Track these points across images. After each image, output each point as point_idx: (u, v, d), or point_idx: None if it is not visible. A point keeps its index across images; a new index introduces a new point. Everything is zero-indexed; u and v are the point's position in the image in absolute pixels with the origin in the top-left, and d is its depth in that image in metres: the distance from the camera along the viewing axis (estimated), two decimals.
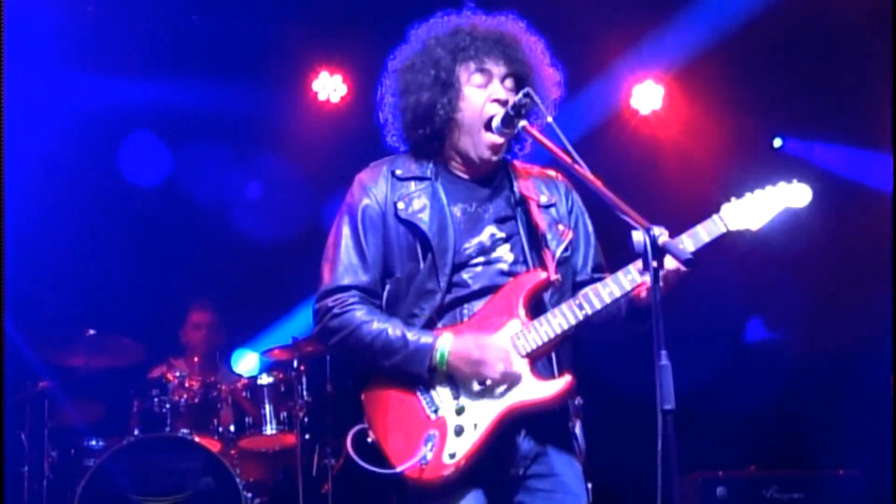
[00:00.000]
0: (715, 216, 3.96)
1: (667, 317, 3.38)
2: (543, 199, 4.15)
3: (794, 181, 4.06)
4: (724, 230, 3.94)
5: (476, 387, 3.82)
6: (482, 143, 4.03)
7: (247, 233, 9.47)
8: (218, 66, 9.03)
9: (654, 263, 3.42)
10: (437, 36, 4.10)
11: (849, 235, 8.19)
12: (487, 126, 4.01)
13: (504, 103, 4.00)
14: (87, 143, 8.89)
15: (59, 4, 8.17)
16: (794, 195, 4.05)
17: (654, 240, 3.42)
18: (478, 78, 4.03)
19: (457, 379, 3.85)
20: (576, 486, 3.93)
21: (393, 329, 3.86)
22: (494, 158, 4.06)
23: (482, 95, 4.02)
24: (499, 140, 4.02)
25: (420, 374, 3.83)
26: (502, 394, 3.81)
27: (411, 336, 3.84)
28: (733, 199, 4.00)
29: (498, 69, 4.03)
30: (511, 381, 3.80)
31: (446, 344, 3.82)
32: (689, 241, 3.86)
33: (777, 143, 9.88)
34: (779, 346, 9.71)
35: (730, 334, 9.80)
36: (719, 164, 9.43)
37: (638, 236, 3.45)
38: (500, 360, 3.79)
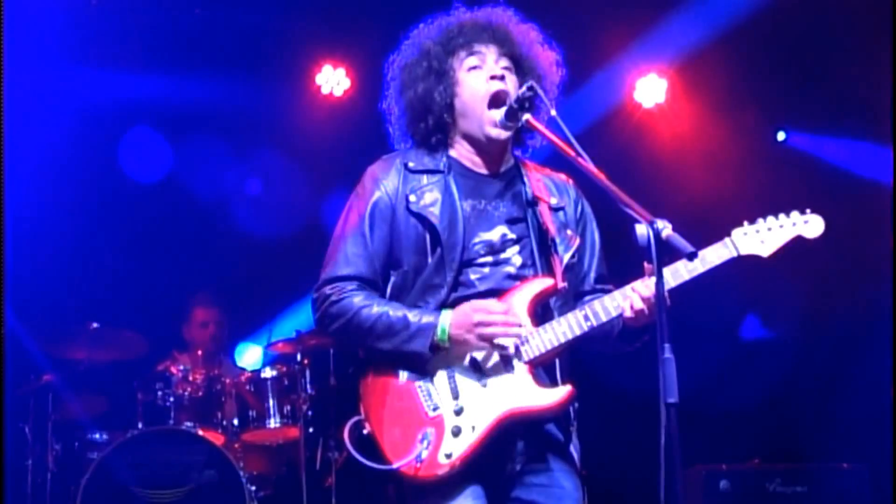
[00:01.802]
0: (726, 239, 3.95)
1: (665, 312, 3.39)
2: (554, 202, 4.15)
3: (808, 212, 4.02)
4: (734, 254, 3.93)
5: (475, 379, 3.81)
6: (487, 120, 4.02)
7: (250, 226, 9.48)
8: (220, 60, 9.03)
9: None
10: (429, 34, 4.15)
11: (849, 227, 8.18)
12: (491, 103, 4.01)
13: (501, 78, 4.03)
14: (90, 136, 8.90)
15: None
16: (807, 226, 4.01)
17: (657, 233, 3.41)
18: (472, 61, 4.06)
19: (453, 362, 3.84)
20: (571, 481, 3.94)
21: (394, 311, 3.86)
22: (503, 136, 4.04)
23: (479, 76, 4.04)
24: (496, 118, 4.00)
25: (421, 352, 3.82)
26: (503, 397, 3.80)
27: (413, 316, 3.84)
28: (745, 223, 3.98)
29: (489, 50, 4.07)
30: (517, 330, 3.80)
31: (446, 319, 3.82)
32: (698, 263, 3.84)
33: (780, 136, 9.88)
34: (782, 340, 9.70)
35: (731, 329, 9.80)
36: (723, 157, 9.42)
37: (641, 229, 3.44)
38: (500, 314, 3.80)
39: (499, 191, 4.10)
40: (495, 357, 3.85)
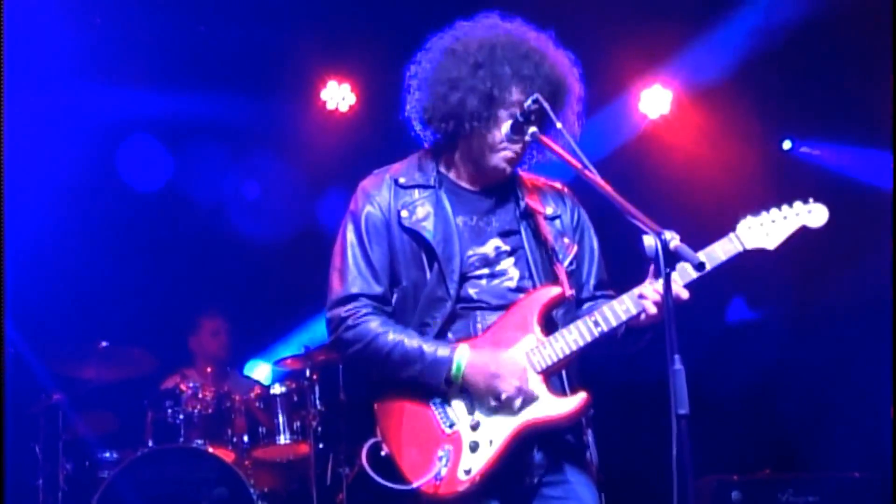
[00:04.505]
0: (731, 234, 3.95)
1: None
2: (549, 211, 4.14)
3: (811, 200, 4.03)
4: (740, 249, 3.93)
5: (492, 402, 3.81)
6: (497, 157, 4.00)
7: (258, 243, 9.49)
8: (226, 76, 9.05)
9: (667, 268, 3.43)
10: (507, 47, 3.98)
11: (861, 236, 8.18)
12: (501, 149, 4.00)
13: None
14: (95, 153, 8.92)
15: (67, 15, 8.19)
16: (810, 215, 4.02)
17: (665, 244, 3.41)
18: (517, 109, 3.94)
19: (472, 393, 3.84)
20: (588, 493, 3.93)
21: (409, 340, 3.85)
22: (508, 170, 4.04)
23: (507, 126, 3.96)
24: (510, 154, 3.99)
25: (436, 386, 3.82)
26: (518, 410, 3.80)
27: (428, 348, 3.82)
28: (749, 216, 3.98)
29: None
30: (525, 397, 3.79)
31: (463, 356, 3.80)
32: (705, 261, 3.78)
33: (786, 145, 9.87)
34: (792, 349, 9.67)
35: (735, 335, 9.80)
36: (729, 167, 9.42)
37: (649, 241, 3.45)
38: (516, 375, 3.78)
39: (490, 206, 4.08)
40: None
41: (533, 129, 3.91)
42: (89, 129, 8.75)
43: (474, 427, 3.80)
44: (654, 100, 9.71)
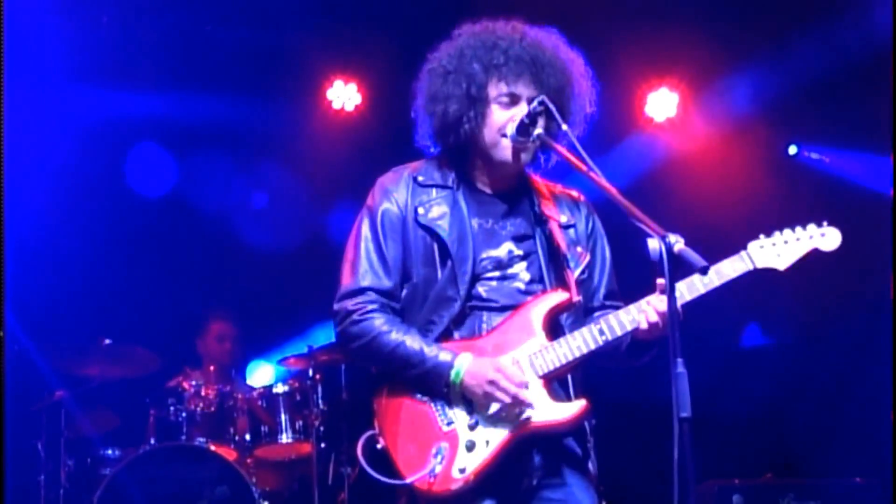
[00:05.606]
0: (743, 253, 3.95)
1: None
2: (564, 219, 4.14)
3: (825, 224, 4.02)
4: (750, 268, 3.93)
5: (492, 407, 3.81)
6: (502, 150, 4.02)
7: (261, 243, 9.48)
8: (232, 76, 9.05)
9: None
10: (475, 46, 4.05)
11: (868, 242, 8.17)
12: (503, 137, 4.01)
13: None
14: (100, 153, 8.92)
15: (73, 16, 8.20)
16: (823, 238, 4.00)
17: (669, 247, 3.40)
18: (505, 98, 3.99)
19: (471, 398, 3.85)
20: (588, 498, 3.93)
21: (411, 342, 3.85)
22: (516, 162, 4.04)
23: (505, 115, 3.99)
24: (516, 145, 4.00)
25: (437, 390, 3.83)
26: (517, 415, 3.80)
27: (429, 352, 3.83)
28: (761, 235, 3.97)
29: (528, 92, 3.99)
30: (523, 408, 3.79)
31: (463, 364, 3.81)
32: (714, 276, 3.84)
33: (792, 150, 9.85)
34: (789, 355, 9.67)
35: (734, 339, 9.80)
36: (734, 171, 9.40)
37: (653, 244, 3.44)
38: (514, 383, 3.77)
39: (506, 210, 4.10)
40: None
41: (538, 130, 3.92)
42: (95, 132, 8.74)
43: (472, 427, 3.80)
44: (661, 103, 9.71)
